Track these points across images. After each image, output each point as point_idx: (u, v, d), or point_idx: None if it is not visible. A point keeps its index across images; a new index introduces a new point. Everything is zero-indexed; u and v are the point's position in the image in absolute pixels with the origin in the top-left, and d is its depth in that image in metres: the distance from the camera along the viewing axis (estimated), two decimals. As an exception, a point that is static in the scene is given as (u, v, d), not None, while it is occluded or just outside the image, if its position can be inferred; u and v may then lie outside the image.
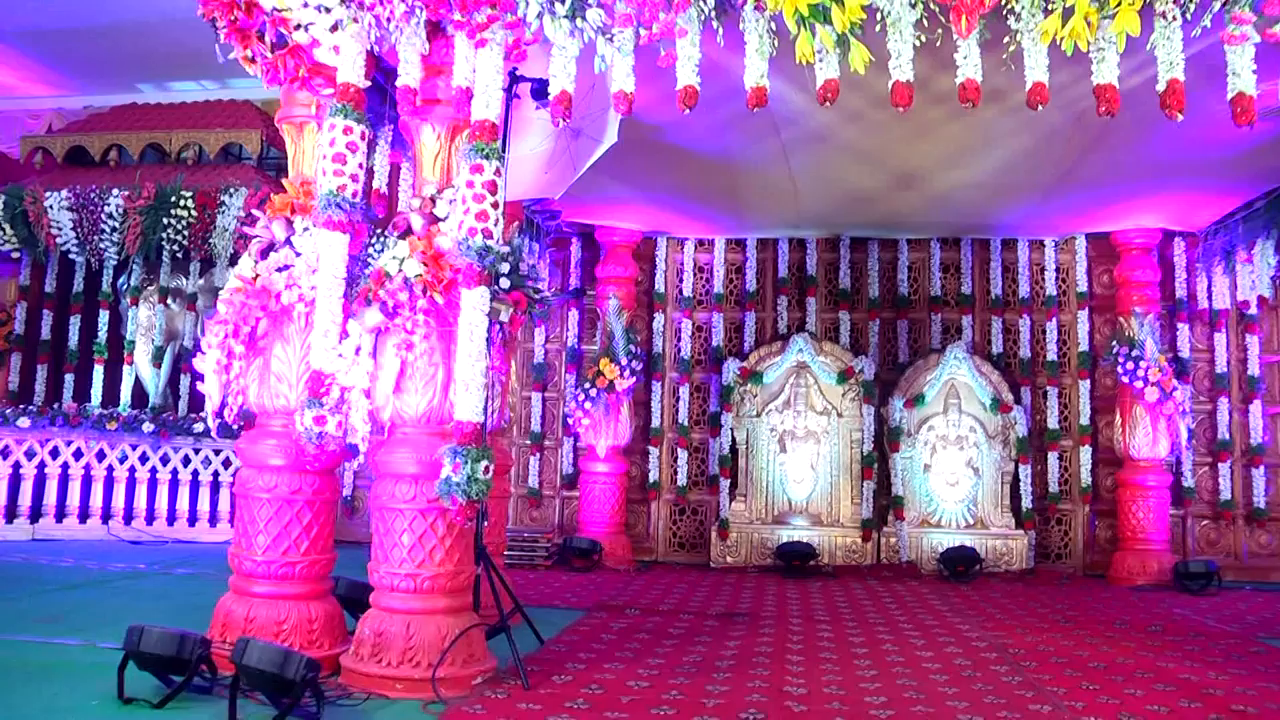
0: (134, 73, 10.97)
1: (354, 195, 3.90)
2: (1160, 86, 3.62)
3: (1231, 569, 8.05)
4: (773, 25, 3.75)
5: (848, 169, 6.94)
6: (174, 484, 8.94)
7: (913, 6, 3.66)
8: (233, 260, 9.29)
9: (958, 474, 8.63)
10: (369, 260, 4.04)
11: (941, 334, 9.09)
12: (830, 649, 4.99)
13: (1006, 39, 3.71)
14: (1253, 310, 8.47)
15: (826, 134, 6.07)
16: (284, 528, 4.03)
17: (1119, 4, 3.50)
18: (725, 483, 8.79)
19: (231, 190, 8.98)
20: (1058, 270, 8.95)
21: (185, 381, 9.48)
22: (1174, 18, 3.56)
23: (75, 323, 9.68)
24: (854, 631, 5.50)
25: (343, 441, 3.85)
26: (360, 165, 3.93)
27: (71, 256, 9.43)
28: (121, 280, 9.71)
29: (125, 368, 9.49)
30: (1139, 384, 7.88)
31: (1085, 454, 8.68)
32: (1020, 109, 4.36)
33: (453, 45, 4.01)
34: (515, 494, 9.04)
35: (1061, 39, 3.60)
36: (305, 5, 3.89)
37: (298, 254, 3.99)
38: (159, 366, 9.43)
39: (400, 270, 3.82)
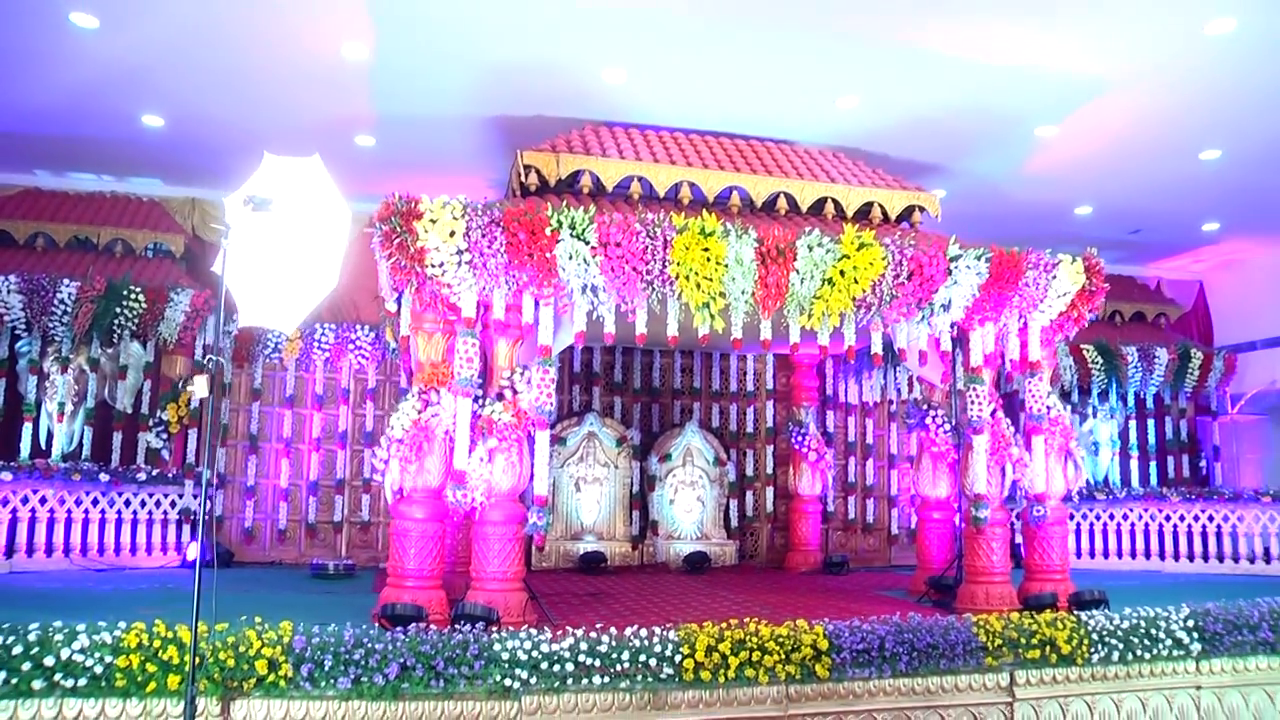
0: (31, 159, 12.12)
1: (477, 380, 7.60)
2: (844, 348, 8.38)
3: (854, 560, 13.23)
4: (681, 306, 8.01)
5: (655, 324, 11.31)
6: (119, 522, 11.29)
7: (746, 304, 8.08)
8: (178, 344, 11.84)
9: (691, 505, 13.32)
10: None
11: (681, 413, 13.80)
12: (668, 603, 9.23)
13: (783, 320, 8.28)
14: (871, 405, 14.06)
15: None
16: (428, 551, 7.56)
17: (835, 314, 8.17)
18: (541, 512, 12.81)
19: (180, 289, 11.54)
20: (755, 374, 13.99)
21: (117, 438, 11.77)
22: (852, 320, 8.32)
23: (0, 385, 11.61)
24: (673, 596, 9.80)
25: (471, 506, 7.49)
26: (480, 362, 7.64)
27: (18, 332, 11.41)
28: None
29: (57, 425, 11.58)
30: (804, 449, 13.02)
31: (769, 492, 13.71)
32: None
33: (521, 295, 7.80)
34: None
35: (805, 324, 8.24)
36: (455, 277, 7.51)
37: (443, 407, 7.58)
38: (91, 425, 11.66)
39: (501, 418, 7.58)
